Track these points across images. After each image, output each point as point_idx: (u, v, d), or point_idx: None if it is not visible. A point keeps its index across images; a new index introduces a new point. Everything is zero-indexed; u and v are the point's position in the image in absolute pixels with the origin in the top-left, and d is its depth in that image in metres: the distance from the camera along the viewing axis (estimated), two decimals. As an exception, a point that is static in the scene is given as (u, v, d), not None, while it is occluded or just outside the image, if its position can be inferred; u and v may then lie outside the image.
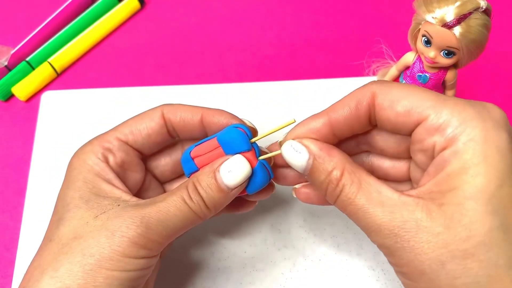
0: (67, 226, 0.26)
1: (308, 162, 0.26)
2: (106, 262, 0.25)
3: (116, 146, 0.30)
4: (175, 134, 0.31)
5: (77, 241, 0.26)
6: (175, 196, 0.27)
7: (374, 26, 0.49)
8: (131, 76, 0.46)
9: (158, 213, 0.26)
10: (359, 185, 0.25)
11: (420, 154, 0.26)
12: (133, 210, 0.26)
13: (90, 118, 0.43)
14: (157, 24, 0.50)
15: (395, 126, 0.26)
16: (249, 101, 0.44)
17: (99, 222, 0.26)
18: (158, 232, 0.26)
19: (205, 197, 0.27)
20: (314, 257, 0.36)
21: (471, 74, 0.46)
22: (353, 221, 0.26)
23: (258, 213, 0.38)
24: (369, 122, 0.27)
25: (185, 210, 0.27)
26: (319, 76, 0.46)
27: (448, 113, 0.24)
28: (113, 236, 0.25)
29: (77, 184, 0.28)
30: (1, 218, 0.39)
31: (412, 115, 0.25)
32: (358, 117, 0.27)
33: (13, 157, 0.42)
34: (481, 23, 0.30)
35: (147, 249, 0.26)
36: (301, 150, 0.26)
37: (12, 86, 0.44)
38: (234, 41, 0.48)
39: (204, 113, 0.30)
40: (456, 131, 0.23)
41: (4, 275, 0.37)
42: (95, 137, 0.30)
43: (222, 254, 0.36)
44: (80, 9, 0.49)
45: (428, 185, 0.24)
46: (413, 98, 0.25)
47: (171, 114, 0.30)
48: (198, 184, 0.27)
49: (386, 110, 0.26)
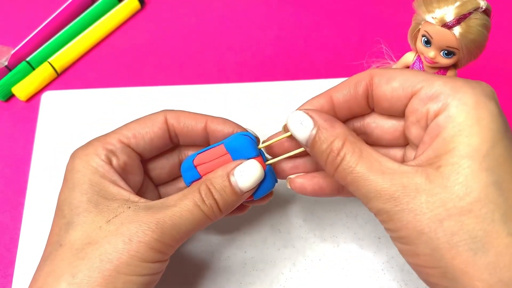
0: (79, 230, 0.26)
1: (312, 132, 0.27)
2: (124, 268, 0.25)
3: (119, 148, 0.30)
4: (176, 139, 0.32)
5: (92, 246, 0.26)
6: (188, 200, 0.27)
7: (374, 26, 0.49)
8: (131, 76, 0.46)
9: (172, 217, 0.26)
10: (360, 155, 0.25)
11: (414, 128, 0.27)
12: (146, 214, 0.26)
13: (90, 118, 0.43)
14: (157, 24, 0.50)
15: (391, 101, 0.27)
16: (248, 101, 0.44)
17: (113, 226, 0.26)
18: (172, 236, 0.26)
19: (219, 200, 0.28)
20: (314, 257, 0.36)
21: (471, 74, 0.46)
22: (351, 190, 0.26)
23: (258, 213, 0.38)
24: (367, 103, 0.29)
25: (198, 213, 0.27)
26: (319, 76, 0.46)
27: (440, 84, 0.25)
28: (131, 242, 0.25)
29: (84, 187, 0.28)
30: (1, 218, 0.39)
31: (407, 88, 0.26)
32: (356, 97, 0.28)
33: (13, 157, 0.42)
34: (481, 23, 0.30)
35: (162, 253, 0.27)
36: (307, 120, 0.27)
37: (12, 86, 0.44)
38: (234, 41, 0.48)
39: (208, 121, 0.31)
40: (449, 98, 0.24)
41: (4, 275, 0.37)
42: (96, 139, 0.30)
43: (222, 254, 0.37)
44: (80, 9, 0.49)
45: (425, 153, 0.25)
46: (407, 75, 0.27)
47: (174, 120, 0.31)
48: (212, 187, 0.28)
49: (383, 87, 0.27)
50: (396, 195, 0.24)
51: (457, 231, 0.23)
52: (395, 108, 0.28)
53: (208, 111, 0.43)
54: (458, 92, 0.24)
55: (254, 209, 0.38)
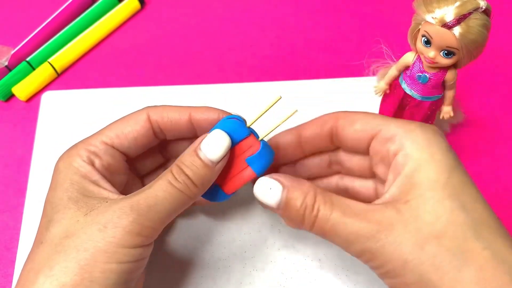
0: (58, 227, 0.26)
1: (283, 194, 0.28)
2: (101, 255, 0.25)
3: (103, 150, 0.30)
4: (161, 135, 0.32)
5: (69, 239, 0.26)
6: (161, 180, 0.27)
7: (374, 26, 0.49)
8: (131, 76, 0.46)
9: (146, 199, 0.27)
10: (332, 203, 0.27)
11: (380, 167, 0.30)
12: (121, 201, 0.27)
13: (90, 118, 0.43)
14: (157, 24, 0.50)
15: (354, 142, 0.30)
16: (249, 101, 0.44)
17: (89, 218, 0.26)
18: (150, 217, 0.26)
19: (191, 175, 0.28)
20: (314, 257, 0.36)
21: (471, 74, 0.46)
22: (331, 239, 0.27)
23: (258, 213, 0.38)
24: (331, 141, 0.32)
25: (173, 191, 0.27)
26: (319, 76, 0.46)
27: (395, 126, 0.28)
28: (106, 228, 0.25)
29: (65, 186, 0.28)
30: (1, 218, 0.39)
31: (367, 131, 0.29)
32: (321, 136, 0.31)
33: (13, 157, 0.42)
34: (480, 23, 0.30)
35: (142, 236, 0.26)
36: (275, 184, 0.28)
37: (13, 86, 0.44)
38: (234, 41, 0.48)
39: (192, 111, 0.31)
40: (403, 138, 0.27)
41: (4, 275, 0.37)
42: (80, 141, 0.30)
43: (222, 254, 0.37)
44: (80, 9, 0.49)
45: (390, 191, 0.27)
46: (367, 118, 0.30)
47: (157, 116, 0.31)
48: (181, 164, 0.28)
49: (347, 129, 0.30)
50: (373, 232, 0.25)
51: (439, 253, 0.24)
52: (358, 148, 0.30)
53: (208, 111, 0.43)
54: (411, 133, 0.27)
55: (254, 209, 0.38)
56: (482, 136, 0.43)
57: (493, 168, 0.41)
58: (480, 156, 0.42)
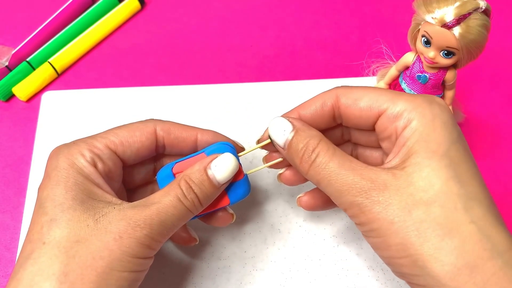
0: (64, 228, 0.26)
1: (290, 134, 0.29)
2: (117, 264, 0.26)
3: (107, 154, 0.30)
4: (162, 149, 0.32)
5: (82, 244, 0.26)
6: (171, 196, 0.28)
7: (374, 26, 0.49)
8: (131, 76, 0.46)
9: (158, 214, 0.27)
10: (333, 153, 0.28)
11: (386, 142, 0.29)
12: (133, 212, 0.27)
13: (90, 118, 0.43)
14: (157, 24, 0.50)
15: (359, 120, 0.30)
16: (249, 101, 0.44)
17: (101, 225, 0.26)
18: (159, 231, 0.27)
19: (199, 194, 0.29)
20: (314, 257, 0.37)
21: (471, 74, 0.46)
22: (323, 186, 0.28)
23: (258, 213, 0.38)
24: (334, 120, 0.31)
25: (181, 208, 0.28)
26: (319, 76, 0.46)
27: (402, 103, 0.28)
28: (121, 238, 0.26)
29: (68, 184, 0.27)
30: (1, 218, 0.39)
31: (374, 109, 0.29)
32: (322, 116, 0.31)
33: (13, 157, 0.42)
34: (480, 23, 0.30)
35: (151, 249, 0.27)
36: (287, 125, 0.29)
37: (13, 86, 0.44)
38: (234, 41, 0.48)
39: (199, 133, 0.32)
40: (411, 114, 0.27)
41: (4, 275, 0.37)
42: (81, 139, 0.30)
43: (222, 254, 0.37)
44: (80, 9, 0.49)
45: (392, 161, 0.27)
46: (372, 95, 0.29)
47: (164, 131, 0.32)
48: (191, 181, 0.29)
49: (351, 107, 0.30)
50: (365, 188, 0.26)
51: (425, 219, 0.25)
52: (363, 125, 0.30)
53: (208, 111, 0.43)
54: (418, 110, 0.27)
55: (254, 209, 0.38)
56: (482, 136, 0.43)
57: (493, 168, 0.41)
58: (480, 156, 0.42)
